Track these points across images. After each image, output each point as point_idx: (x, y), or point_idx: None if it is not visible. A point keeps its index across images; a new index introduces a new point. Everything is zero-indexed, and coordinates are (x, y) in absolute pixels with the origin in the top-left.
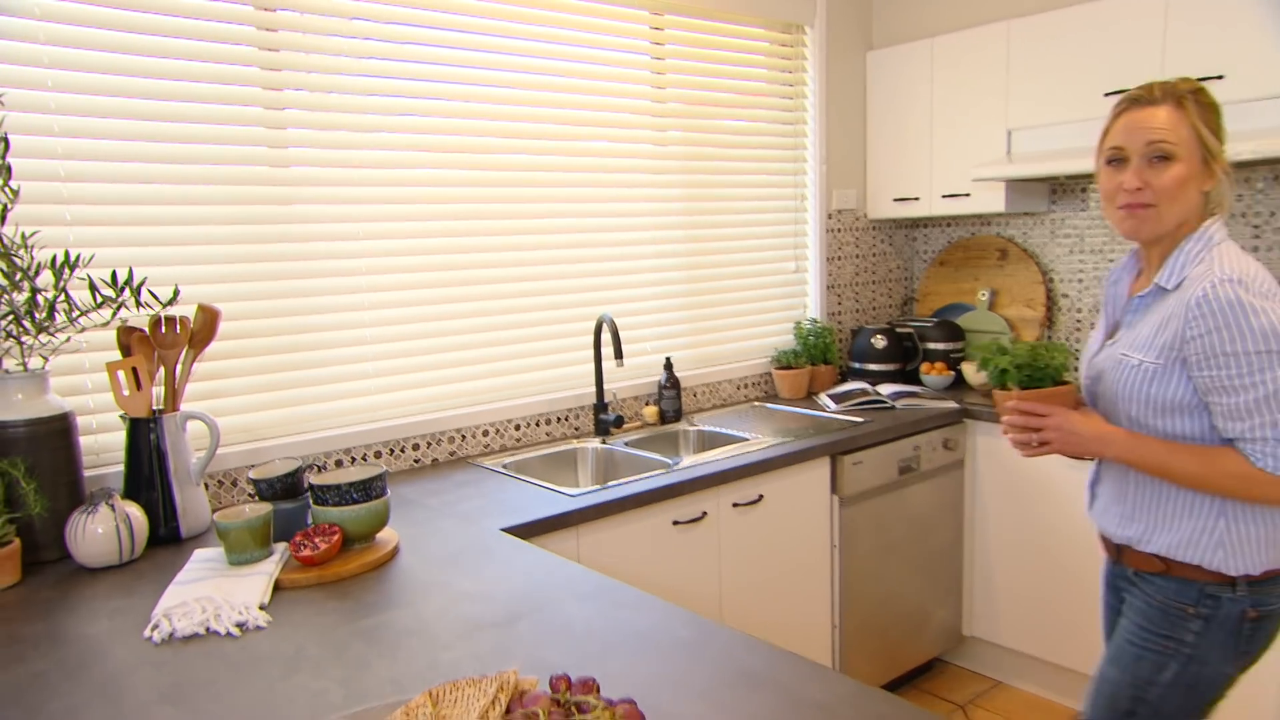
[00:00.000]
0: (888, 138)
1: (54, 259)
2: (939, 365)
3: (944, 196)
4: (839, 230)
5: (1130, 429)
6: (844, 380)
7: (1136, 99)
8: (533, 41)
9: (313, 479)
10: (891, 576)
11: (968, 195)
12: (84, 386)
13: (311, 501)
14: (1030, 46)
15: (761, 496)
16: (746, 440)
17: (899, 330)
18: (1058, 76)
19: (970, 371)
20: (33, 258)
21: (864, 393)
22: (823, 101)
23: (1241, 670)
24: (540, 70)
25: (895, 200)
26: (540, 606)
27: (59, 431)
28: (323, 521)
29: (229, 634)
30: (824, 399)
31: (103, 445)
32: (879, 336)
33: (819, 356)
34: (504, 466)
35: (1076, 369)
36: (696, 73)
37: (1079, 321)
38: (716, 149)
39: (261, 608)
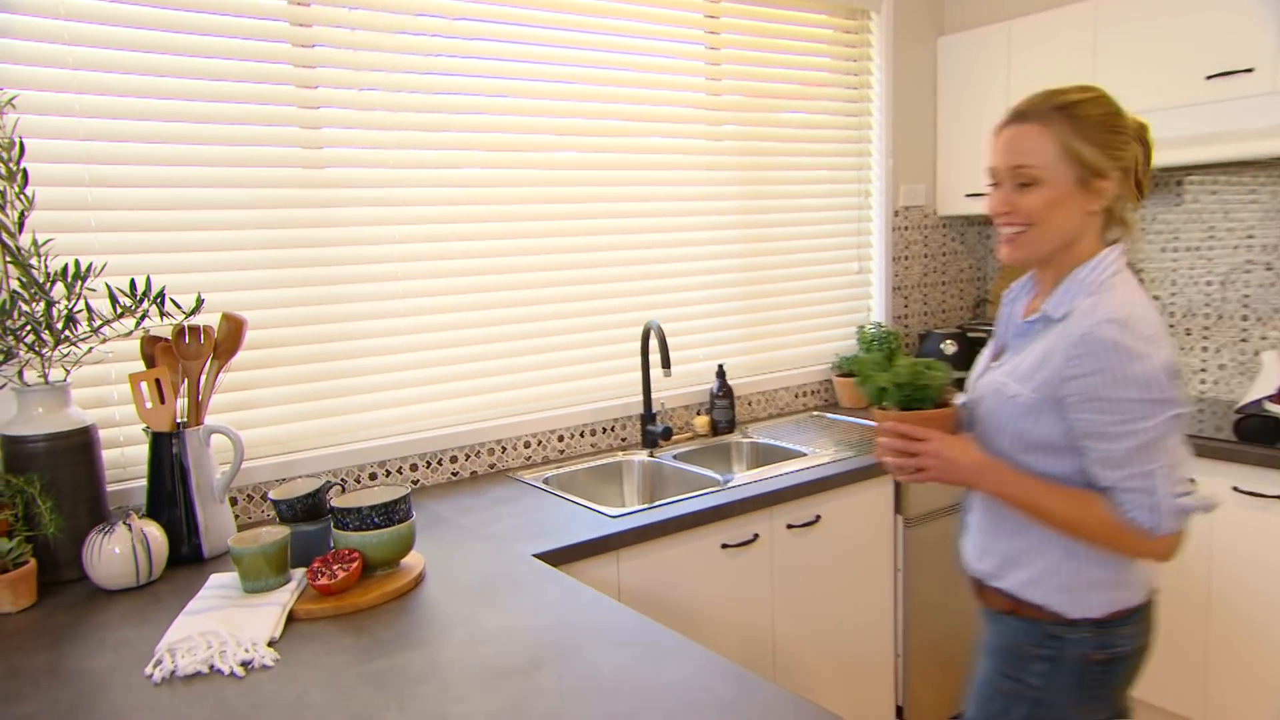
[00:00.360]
0: (960, 129)
1: (65, 269)
2: None
3: None
4: (906, 228)
5: (999, 457)
6: None
7: (1009, 116)
8: (579, 33)
9: (334, 501)
10: (960, 603)
11: None
12: (110, 398)
13: (332, 524)
14: (1120, 27)
15: (819, 517)
16: (804, 455)
17: (971, 335)
18: (1151, 59)
19: None
20: (46, 267)
21: None
22: (889, 91)
23: (1098, 715)
24: (587, 63)
25: (968, 196)
26: (568, 652)
27: (80, 446)
28: (343, 546)
29: (232, 673)
30: None
31: (129, 459)
32: (949, 341)
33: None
34: (545, 481)
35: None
36: (754, 63)
37: (1171, 327)
38: (775, 143)
39: (271, 643)
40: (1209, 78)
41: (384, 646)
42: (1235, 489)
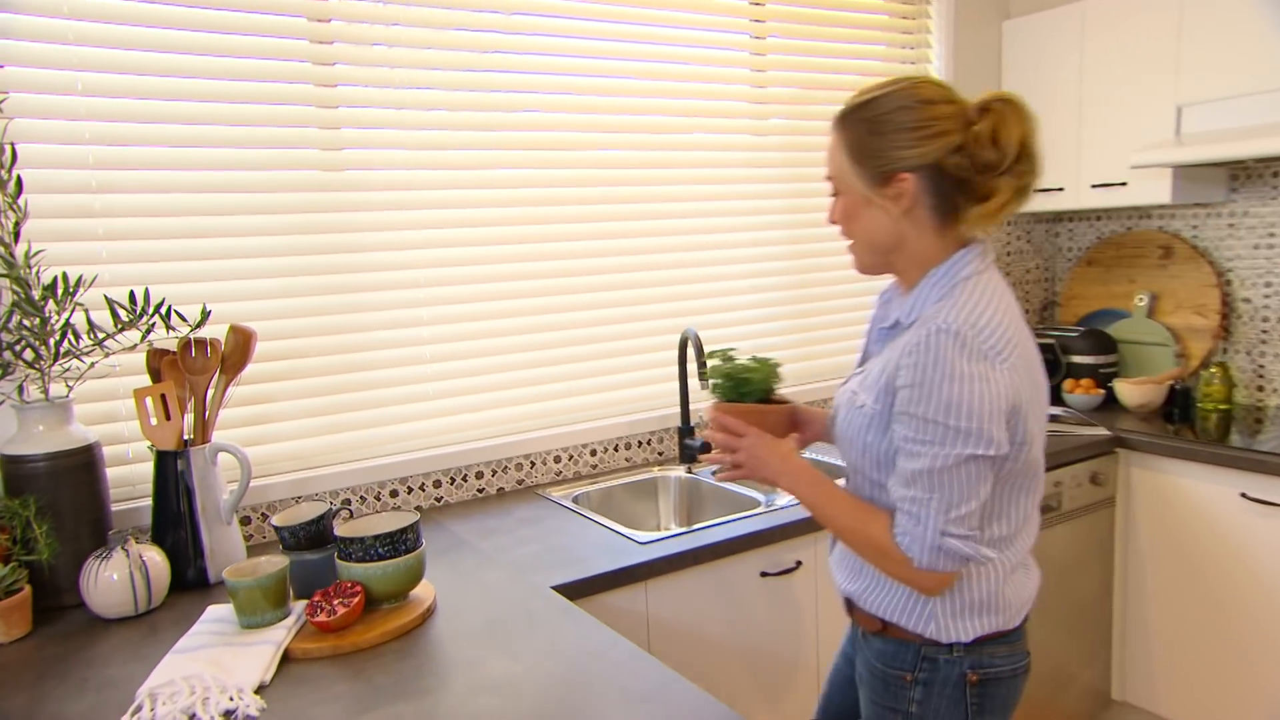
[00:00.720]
0: None
1: (53, 281)
2: (1086, 382)
3: (1094, 186)
4: None
5: (853, 481)
6: None
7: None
8: (614, 24)
9: (338, 529)
10: (1041, 636)
11: (1124, 184)
12: (118, 413)
13: (335, 554)
14: (1209, 6)
15: None
16: None
17: (1038, 341)
18: (1245, 39)
19: (1125, 390)
20: (38, 279)
21: None
22: (949, 77)
23: None
24: (623, 55)
25: (1035, 191)
26: (576, 709)
27: (82, 465)
28: (345, 579)
29: None
30: None
31: (139, 476)
32: None
33: None
34: (575, 500)
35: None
36: (802, 52)
37: (1265, 333)
38: (824, 138)
39: (261, 688)
40: None
41: (380, 695)
42: None
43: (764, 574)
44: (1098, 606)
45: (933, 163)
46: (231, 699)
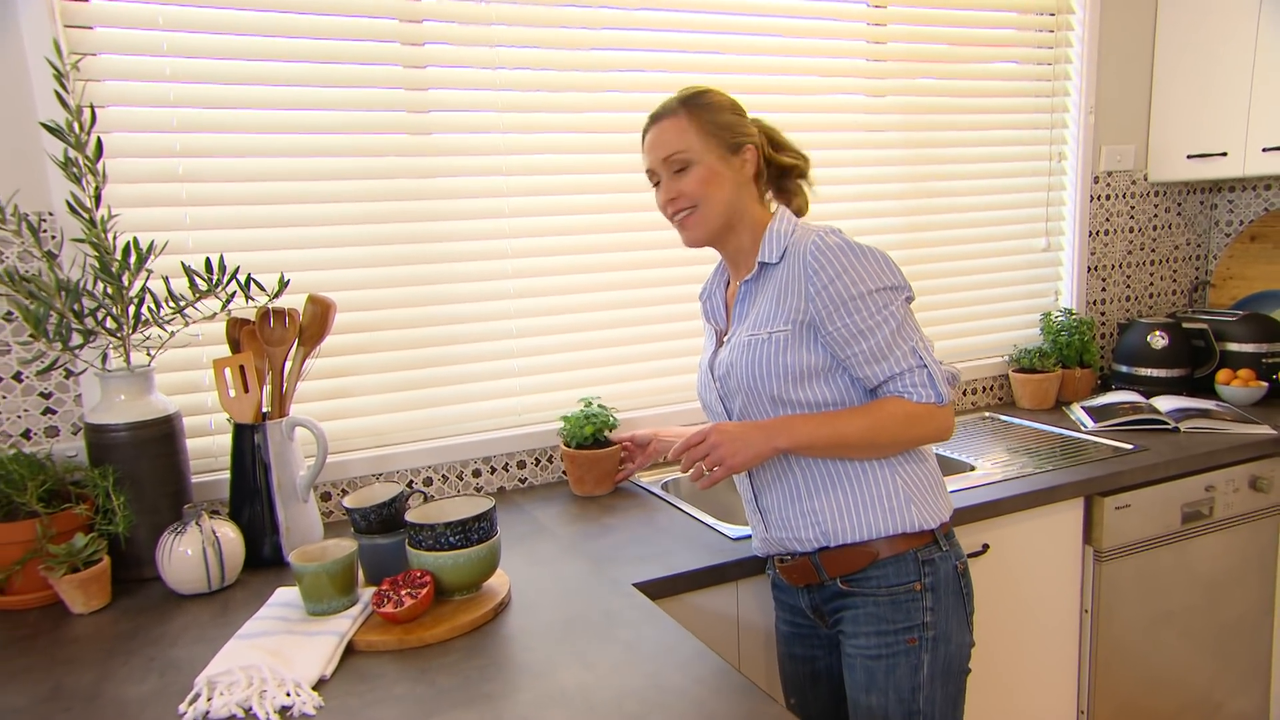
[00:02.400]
0: (1185, 76)
1: (126, 247)
2: (1245, 373)
3: (1266, 150)
4: (1108, 197)
5: (775, 412)
6: (1106, 389)
7: (652, 117)
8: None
9: (409, 514)
10: (1166, 653)
11: None
12: (201, 383)
13: (406, 540)
14: None
15: (987, 546)
16: (972, 467)
17: (1186, 325)
18: None
19: None
20: (114, 245)
21: (1134, 407)
22: (1094, 34)
23: (968, 641)
24: (725, 24)
25: (1190, 157)
26: None
27: (163, 436)
28: (415, 567)
29: None
30: (1078, 413)
31: (221, 448)
32: (1158, 333)
33: (1073, 358)
34: (663, 486)
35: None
36: (925, 4)
37: None
38: (948, 99)
39: (321, 682)
40: None
41: (442, 699)
42: None
43: None
44: (1255, 627)
45: (758, 144)
46: (289, 694)
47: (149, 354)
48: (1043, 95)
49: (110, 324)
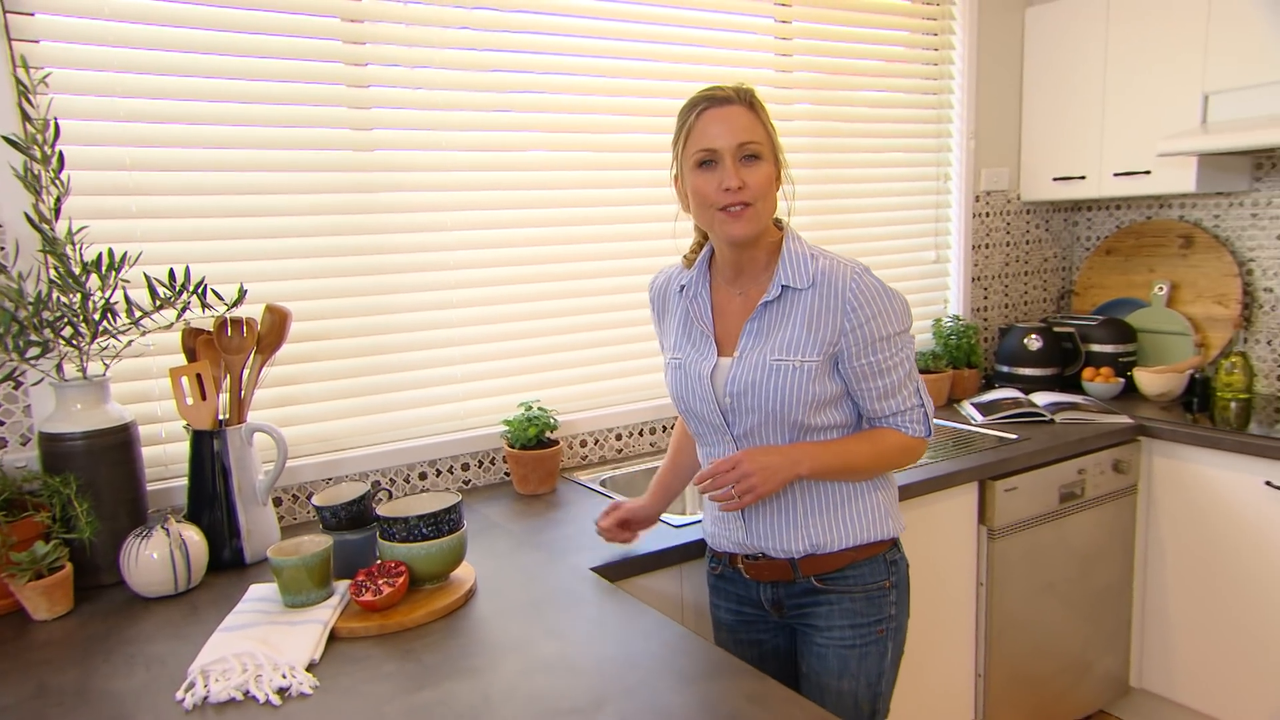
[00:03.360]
0: (1048, 108)
1: (98, 258)
2: (1105, 371)
3: (1117, 175)
4: (987, 214)
5: (792, 435)
6: (990, 387)
7: (715, 99)
8: (647, 6)
9: (380, 509)
10: (1047, 619)
11: (1147, 173)
12: (152, 393)
13: (378, 534)
14: None
15: None
16: None
17: (1056, 329)
18: (1275, 25)
19: (1145, 379)
20: (80, 256)
21: (1015, 402)
22: (972, 67)
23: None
24: (652, 38)
25: (1055, 180)
26: (631, 688)
27: (120, 444)
28: (388, 559)
29: (268, 701)
30: (968, 409)
31: (171, 456)
32: (1033, 336)
33: (961, 359)
34: (602, 484)
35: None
36: (827, 37)
37: None
38: (847, 124)
39: (311, 666)
40: None
41: (430, 674)
42: None
43: None
44: (1118, 594)
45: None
46: (284, 676)
47: (104, 364)
48: (929, 122)
49: (68, 333)
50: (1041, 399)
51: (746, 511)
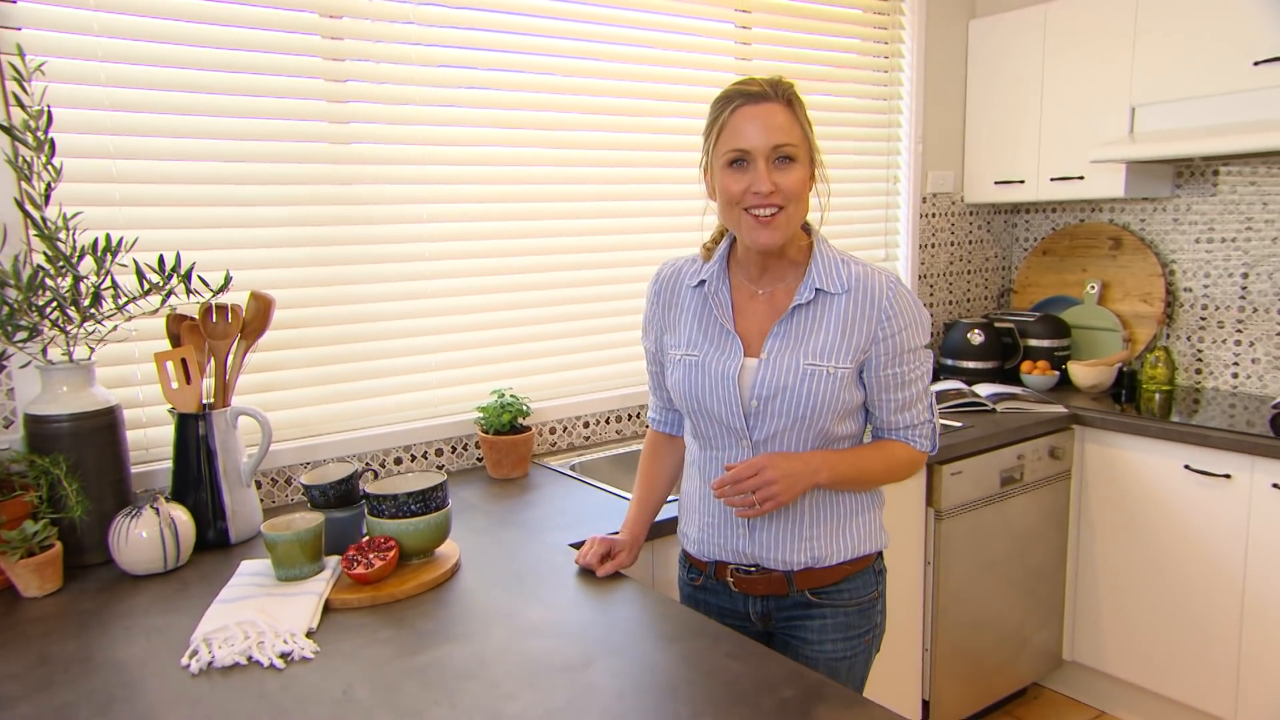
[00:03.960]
0: (991, 115)
1: (95, 242)
2: (1041, 364)
3: (1053, 180)
4: (934, 215)
5: (814, 443)
6: (937, 379)
7: (750, 94)
8: (612, 9)
9: (368, 487)
10: (988, 596)
11: (1081, 178)
12: (133, 377)
13: (366, 511)
14: (1163, 10)
15: None
16: None
17: (997, 325)
18: (1196, 44)
19: (1077, 371)
20: (75, 241)
21: (960, 393)
22: (920, 75)
23: None
24: (619, 40)
25: (997, 183)
26: (619, 647)
27: (105, 427)
28: (378, 534)
29: (272, 665)
30: None
31: (152, 440)
32: (976, 331)
33: None
34: (571, 468)
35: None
36: (785, 43)
37: (1203, 320)
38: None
39: (310, 634)
40: (1256, 64)
41: (426, 639)
42: (1274, 485)
43: None
44: (1053, 572)
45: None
46: (285, 642)
47: (89, 348)
48: (881, 126)
49: (57, 316)
50: (984, 390)
51: (752, 522)
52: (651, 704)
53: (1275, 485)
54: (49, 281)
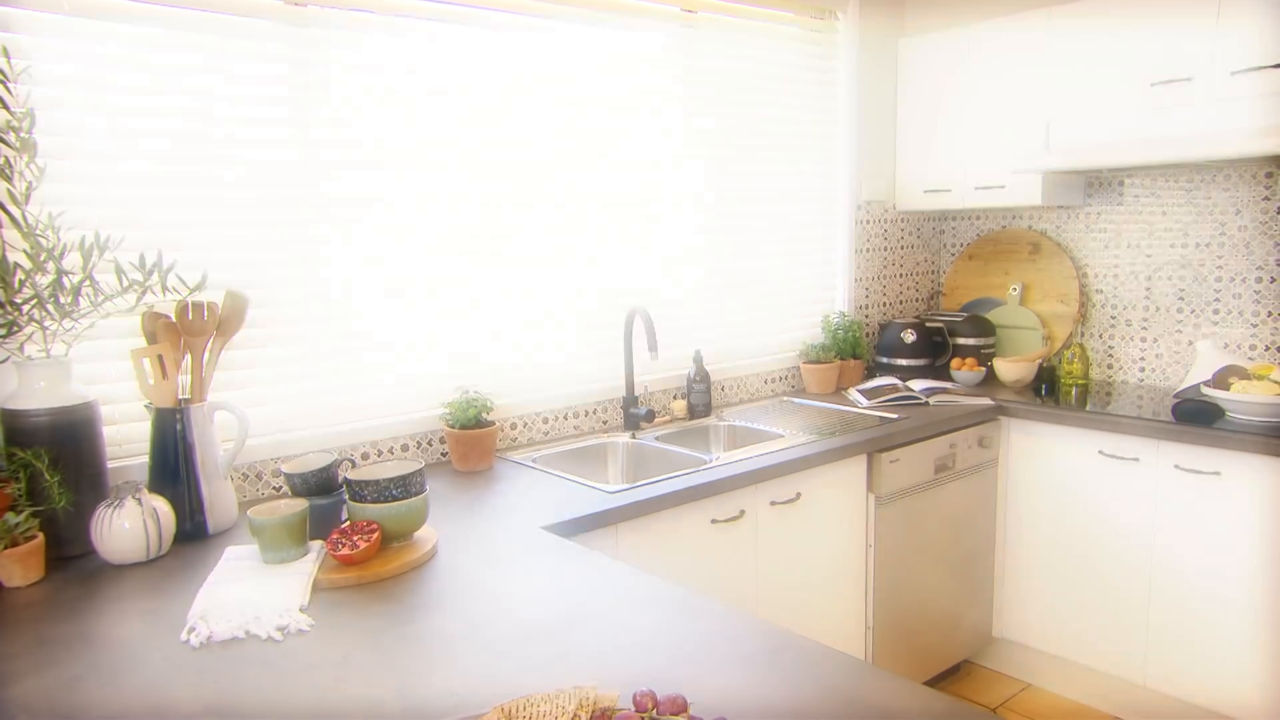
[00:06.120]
0: (919, 128)
1: (83, 240)
2: (970, 361)
3: (977, 188)
4: (869, 221)
5: None
6: (873, 376)
7: None
8: (565, 22)
9: (349, 474)
10: (924, 577)
11: (1002, 187)
12: (106, 375)
13: (347, 497)
14: (1072, 35)
15: (799, 495)
16: (780, 436)
17: (928, 325)
18: (1101, 66)
19: (1002, 367)
20: (59, 239)
21: (895, 388)
22: (854, 90)
23: None
24: (571, 52)
25: (926, 192)
26: (599, 612)
27: (83, 421)
28: (360, 519)
29: (270, 637)
30: (854, 394)
31: (125, 436)
32: (908, 331)
33: (848, 351)
34: (533, 461)
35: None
36: (729, 57)
37: (1113, 319)
38: (747, 138)
39: (302, 610)
40: (1153, 85)
41: (416, 611)
42: (1176, 466)
43: (714, 520)
44: (984, 554)
45: None
46: (281, 616)
47: (65, 344)
48: (819, 138)
49: (35, 312)
50: (917, 385)
51: None
52: (633, 656)
53: (1177, 466)
54: (29, 278)
